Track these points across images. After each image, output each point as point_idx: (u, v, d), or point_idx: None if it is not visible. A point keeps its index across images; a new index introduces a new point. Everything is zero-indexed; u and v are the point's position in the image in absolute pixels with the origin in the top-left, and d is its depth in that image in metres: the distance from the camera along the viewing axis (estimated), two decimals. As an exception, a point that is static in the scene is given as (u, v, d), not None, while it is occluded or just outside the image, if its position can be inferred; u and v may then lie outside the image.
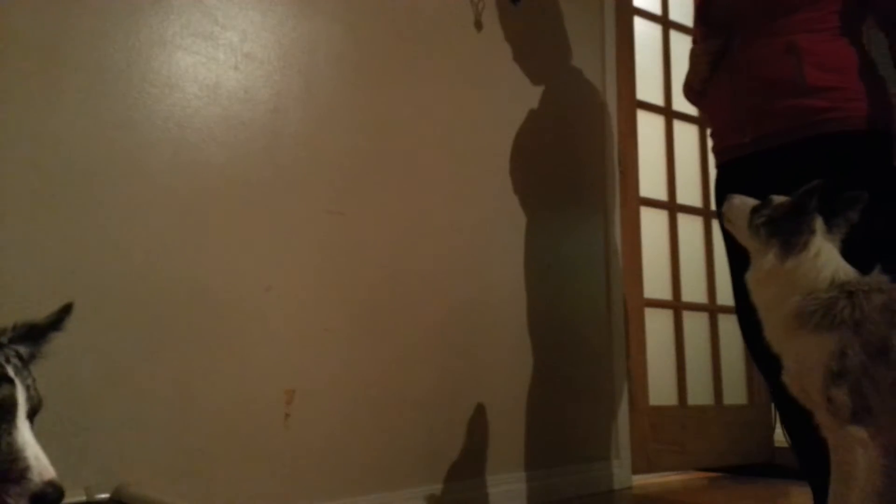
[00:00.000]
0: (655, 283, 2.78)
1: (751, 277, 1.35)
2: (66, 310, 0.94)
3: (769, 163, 1.57)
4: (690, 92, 1.87)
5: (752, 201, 1.36)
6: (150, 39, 1.52)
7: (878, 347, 1.18)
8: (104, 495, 1.32)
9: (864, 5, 1.54)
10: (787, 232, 1.27)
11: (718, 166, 1.74)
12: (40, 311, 1.23)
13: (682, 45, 2.91)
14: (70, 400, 1.33)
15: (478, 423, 2.04)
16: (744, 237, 1.37)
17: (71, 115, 1.40)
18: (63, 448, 1.32)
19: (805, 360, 1.23)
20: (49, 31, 1.39)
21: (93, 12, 1.44)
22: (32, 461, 0.81)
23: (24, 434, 0.81)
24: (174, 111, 1.54)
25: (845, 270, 1.25)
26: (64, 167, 1.38)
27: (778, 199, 1.32)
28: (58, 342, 1.34)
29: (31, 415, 0.84)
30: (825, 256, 1.26)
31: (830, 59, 1.52)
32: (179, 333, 1.49)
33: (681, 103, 2.96)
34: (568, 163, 2.44)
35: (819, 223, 1.28)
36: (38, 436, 1.28)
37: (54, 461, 1.30)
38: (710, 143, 1.78)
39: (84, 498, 1.31)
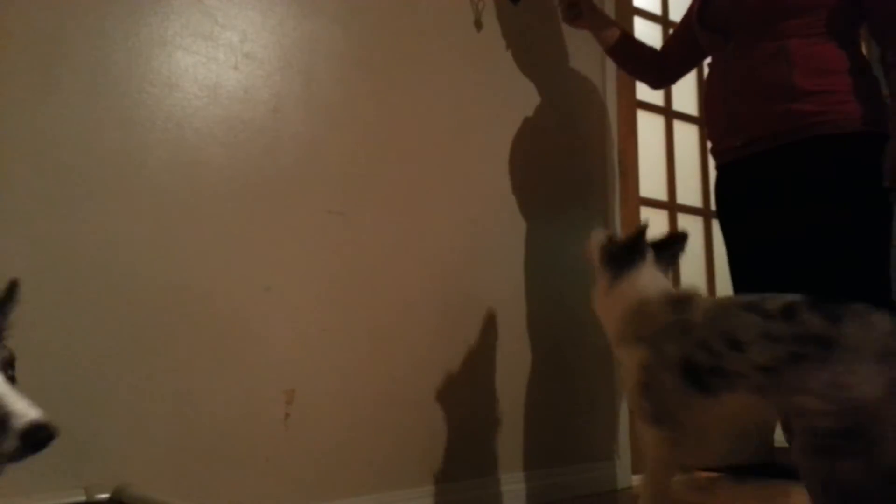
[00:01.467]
0: (655, 283, 2.77)
1: (592, 298, 1.65)
2: (13, 286, 0.94)
3: (764, 165, 1.58)
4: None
5: (604, 236, 1.68)
6: (150, 39, 1.52)
7: (672, 362, 1.38)
8: (104, 495, 1.32)
9: (860, 13, 1.54)
10: (623, 262, 1.55)
11: (718, 167, 1.75)
12: (39, 311, 1.24)
13: (682, 45, 2.90)
14: (70, 400, 1.33)
15: (478, 423, 2.04)
16: (595, 265, 1.65)
17: (71, 115, 1.40)
18: (63, 448, 1.32)
19: (626, 371, 1.50)
20: (49, 31, 1.39)
21: (93, 12, 1.44)
22: (13, 406, 0.80)
23: None
24: (174, 111, 1.54)
25: (663, 292, 1.49)
26: (64, 167, 1.38)
27: (619, 238, 1.70)
28: (57, 342, 1.34)
29: (3, 368, 0.84)
30: (645, 280, 1.52)
31: (820, 62, 1.52)
32: (179, 333, 1.49)
33: (681, 103, 2.97)
34: (568, 163, 2.44)
35: (650, 255, 1.56)
36: (38, 436, 1.29)
37: (54, 461, 1.30)
38: (708, 144, 1.79)
39: (84, 498, 1.31)
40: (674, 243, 1.64)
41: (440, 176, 2.04)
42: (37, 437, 0.80)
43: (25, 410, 0.80)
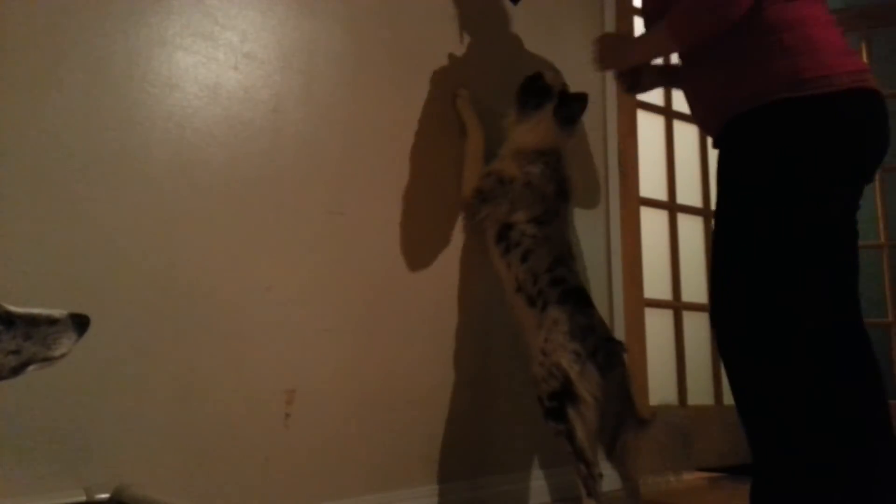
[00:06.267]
0: (655, 283, 2.78)
1: None
2: None
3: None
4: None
5: None
6: (150, 39, 1.52)
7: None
8: (104, 495, 1.32)
9: None
10: None
11: (823, 96, 1.41)
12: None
13: (682, 45, 2.90)
14: (70, 400, 1.33)
15: (478, 423, 2.04)
16: None
17: (71, 115, 1.40)
18: (63, 448, 1.32)
19: None
20: (49, 31, 1.39)
21: (93, 12, 1.44)
22: (47, 312, 0.93)
23: (19, 313, 0.90)
24: (174, 111, 1.54)
25: None
26: (64, 167, 1.38)
27: None
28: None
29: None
30: None
31: None
32: (179, 333, 1.49)
33: (681, 103, 2.97)
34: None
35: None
36: (38, 437, 1.29)
37: (55, 461, 1.30)
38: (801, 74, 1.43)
39: (84, 498, 1.31)
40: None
41: (440, 176, 2.04)
42: (82, 319, 0.95)
43: (57, 311, 0.94)
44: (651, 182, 2.82)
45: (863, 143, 1.42)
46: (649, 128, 2.86)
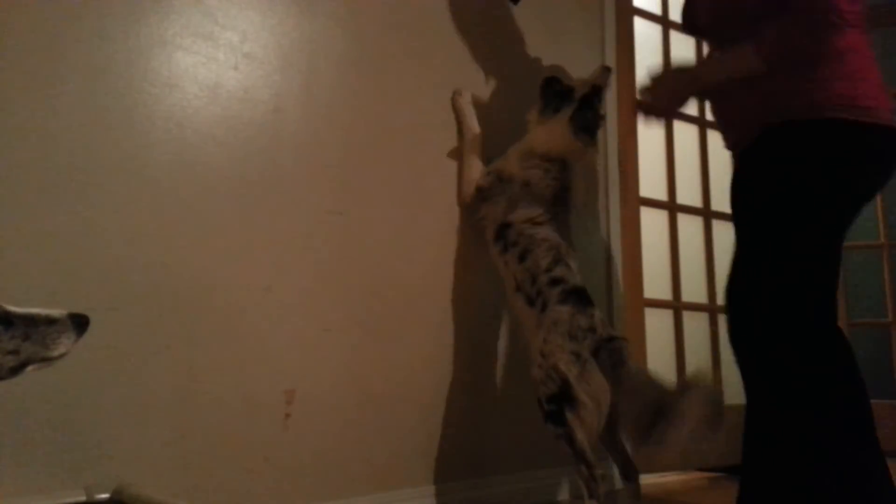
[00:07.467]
0: (655, 283, 2.78)
1: None
2: None
3: None
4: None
5: None
6: (150, 39, 1.52)
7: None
8: (104, 495, 1.32)
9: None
10: None
11: (869, 126, 1.53)
12: (40, 311, 1.22)
13: (682, 45, 2.90)
14: (69, 400, 1.33)
15: (478, 423, 2.04)
16: None
17: (71, 115, 1.40)
18: (63, 448, 1.32)
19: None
20: (49, 31, 1.39)
21: (93, 13, 1.44)
22: (45, 312, 0.93)
23: (18, 313, 0.90)
24: (174, 111, 1.54)
25: None
26: (64, 167, 1.38)
27: None
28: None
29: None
30: None
31: None
32: (179, 333, 1.49)
33: (681, 103, 2.97)
34: (568, 163, 2.43)
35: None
36: (38, 437, 1.29)
37: (55, 461, 1.30)
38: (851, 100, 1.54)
39: (84, 498, 1.31)
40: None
41: (441, 176, 2.04)
42: (81, 319, 0.95)
43: (57, 311, 0.93)
44: (651, 182, 2.82)
45: (885, 175, 1.58)
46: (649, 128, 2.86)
